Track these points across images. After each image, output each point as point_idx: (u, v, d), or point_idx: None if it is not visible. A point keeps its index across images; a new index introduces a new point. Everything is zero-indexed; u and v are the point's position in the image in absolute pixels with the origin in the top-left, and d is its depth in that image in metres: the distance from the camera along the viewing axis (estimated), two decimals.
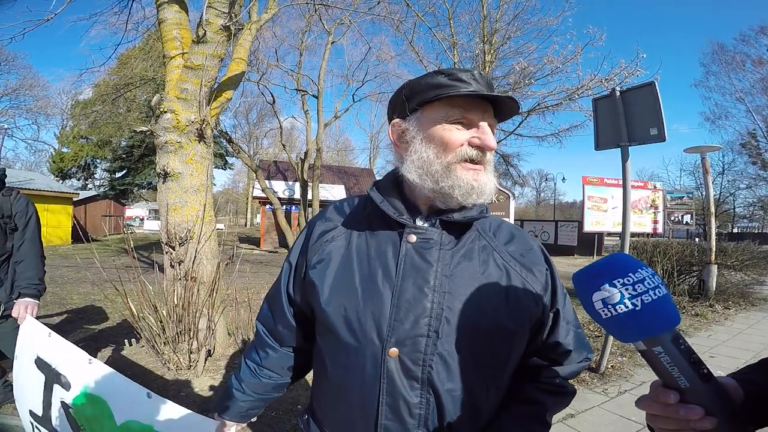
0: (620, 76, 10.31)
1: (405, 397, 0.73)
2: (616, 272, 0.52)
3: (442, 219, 0.80)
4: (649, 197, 12.92)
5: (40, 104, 26.77)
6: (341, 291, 0.79)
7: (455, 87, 0.75)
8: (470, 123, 0.77)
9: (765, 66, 23.50)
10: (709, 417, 0.50)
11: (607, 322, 0.53)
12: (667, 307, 0.51)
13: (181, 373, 3.24)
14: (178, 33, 3.68)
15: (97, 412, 1.22)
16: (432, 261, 0.77)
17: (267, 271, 10.55)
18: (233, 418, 1.00)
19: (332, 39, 16.23)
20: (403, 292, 0.75)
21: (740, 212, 35.74)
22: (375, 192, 0.84)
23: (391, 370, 0.73)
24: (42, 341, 1.48)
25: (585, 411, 2.94)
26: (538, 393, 0.83)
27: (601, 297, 0.52)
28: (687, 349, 0.52)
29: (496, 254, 0.82)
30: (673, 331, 0.52)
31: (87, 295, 6.40)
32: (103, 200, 24.03)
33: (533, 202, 59.90)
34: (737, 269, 7.17)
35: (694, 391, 0.51)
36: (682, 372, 0.51)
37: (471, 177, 0.76)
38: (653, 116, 3.39)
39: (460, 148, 0.76)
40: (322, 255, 0.84)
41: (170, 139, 3.37)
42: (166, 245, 3.43)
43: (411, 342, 0.73)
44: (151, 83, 12.83)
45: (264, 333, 0.98)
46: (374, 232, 0.83)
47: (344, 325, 0.77)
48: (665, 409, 0.53)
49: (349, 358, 0.78)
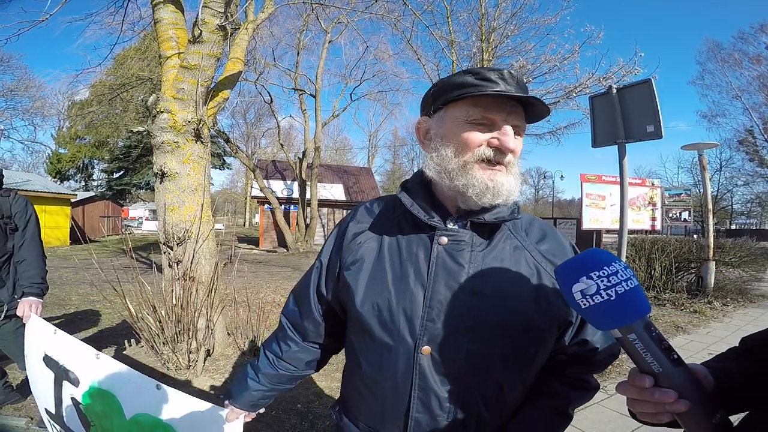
0: (618, 74, 10.32)
1: (436, 391, 0.77)
2: (592, 266, 0.57)
3: (473, 221, 0.80)
4: (646, 194, 12.92)
5: (36, 105, 26.65)
6: (375, 292, 0.81)
7: (481, 87, 0.74)
8: (492, 124, 0.76)
9: (763, 64, 23.53)
10: (682, 400, 0.54)
11: (586, 312, 0.57)
12: (638, 297, 0.55)
13: (181, 373, 3.24)
14: (174, 33, 3.67)
15: (106, 407, 1.23)
16: (464, 263, 0.78)
17: (266, 271, 10.54)
18: (243, 407, 1.02)
19: (329, 38, 16.22)
20: (435, 293, 0.77)
21: (738, 209, 35.91)
22: (404, 195, 0.84)
23: (423, 367, 0.76)
24: (48, 339, 1.49)
25: (585, 408, 2.95)
26: (564, 388, 0.86)
27: (580, 288, 0.57)
28: (658, 337, 0.56)
29: (527, 254, 0.82)
30: (644, 319, 0.56)
31: (86, 296, 6.38)
32: (101, 201, 23.92)
33: (532, 200, 59.95)
34: (735, 266, 7.20)
35: (667, 375, 0.55)
36: (655, 357, 0.55)
37: (487, 177, 0.75)
38: (650, 113, 3.40)
39: (478, 148, 0.76)
40: (356, 256, 0.86)
41: (167, 139, 3.36)
42: (164, 245, 3.43)
43: (443, 340, 0.76)
44: (147, 83, 12.80)
45: (288, 327, 1.01)
46: (406, 234, 0.84)
47: (378, 325, 0.80)
48: (641, 393, 0.57)
49: (382, 355, 0.80)
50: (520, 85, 0.76)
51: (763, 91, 23.85)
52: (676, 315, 5.76)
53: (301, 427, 2.59)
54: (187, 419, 1.09)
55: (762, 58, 23.66)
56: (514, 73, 0.75)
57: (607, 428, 2.71)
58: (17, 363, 2.49)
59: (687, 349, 4.37)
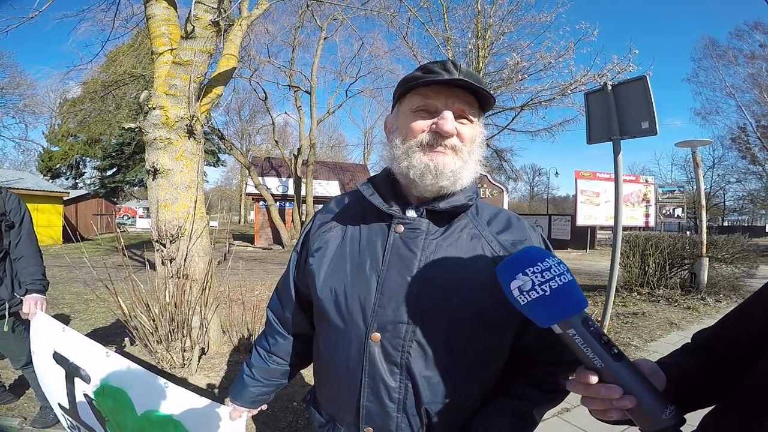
0: (613, 72, 10.36)
1: (385, 380, 0.76)
2: (526, 263, 0.58)
3: (428, 208, 0.81)
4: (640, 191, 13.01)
5: (27, 103, 26.31)
6: (334, 277, 0.83)
7: (425, 78, 0.77)
8: (435, 110, 0.78)
9: (757, 61, 23.64)
10: (628, 396, 0.54)
11: (525, 308, 0.58)
12: (572, 292, 0.56)
13: (176, 372, 3.22)
14: (167, 29, 3.63)
15: (118, 403, 1.26)
16: (416, 250, 0.79)
17: (261, 268, 10.51)
18: (244, 404, 1.05)
19: (325, 35, 16.14)
20: (387, 280, 0.78)
21: (730, 206, 36.22)
22: (365, 186, 0.87)
23: (373, 354, 0.77)
24: (57, 336, 1.51)
25: (580, 405, 2.96)
26: (529, 389, 0.82)
27: (517, 285, 0.58)
28: (597, 331, 0.57)
29: (484, 242, 0.81)
30: (581, 314, 0.57)
31: (79, 295, 6.33)
32: (93, 199, 23.71)
33: (527, 197, 60.20)
34: (728, 262, 7.23)
35: (610, 370, 0.55)
36: (595, 352, 0.55)
37: (427, 158, 0.78)
38: (645, 110, 3.40)
39: (421, 134, 0.79)
40: (320, 244, 0.89)
41: (159, 135, 3.33)
42: (157, 243, 3.40)
43: (392, 328, 0.76)
44: (140, 80, 12.69)
45: (273, 321, 1.04)
46: (368, 224, 0.86)
47: (334, 309, 0.82)
48: (588, 389, 0.57)
49: (337, 340, 0.82)
50: (464, 73, 0.77)
51: (756, 88, 23.98)
52: (670, 311, 5.80)
53: (297, 425, 2.59)
54: (194, 416, 1.12)
55: (756, 55, 23.77)
56: (458, 63, 0.77)
57: (602, 425, 2.70)
58: (12, 362, 2.46)
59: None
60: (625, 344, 4.26)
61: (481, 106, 0.83)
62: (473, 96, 0.79)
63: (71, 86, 16.17)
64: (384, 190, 0.85)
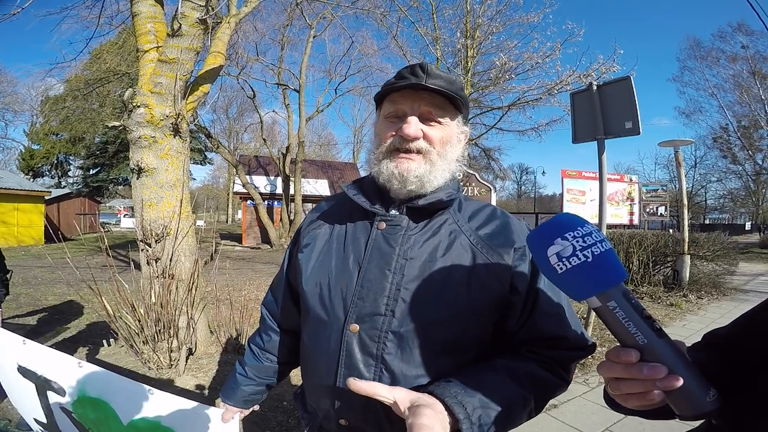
0: (598, 72, 10.52)
1: (360, 371, 0.77)
2: (566, 227, 0.54)
3: (408, 206, 0.84)
4: (625, 190, 13.25)
5: (7, 100, 25.66)
6: (319, 272, 0.86)
7: (395, 84, 0.79)
8: (404, 115, 0.81)
9: (738, 62, 24.17)
10: (673, 375, 0.48)
11: (563, 277, 0.53)
12: (614, 260, 0.52)
13: (163, 373, 3.19)
14: (153, 26, 3.58)
15: (100, 414, 1.21)
16: (395, 245, 0.81)
17: (250, 268, 10.42)
18: (236, 404, 1.05)
19: (314, 33, 16.06)
20: (367, 273, 0.80)
21: (711, 204, 37.03)
22: (349, 187, 0.90)
23: (350, 344, 0.78)
24: (18, 349, 1.41)
25: (567, 401, 3.01)
26: (525, 359, 0.77)
27: (556, 251, 0.53)
28: (638, 305, 0.52)
29: (463, 237, 0.82)
30: (621, 286, 0.52)
31: (62, 296, 6.21)
32: (77, 198, 23.22)
33: (514, 195, 60.77)
34: (709, 259, 7.39)
35: (652, 348, 0.50)
36: (638, 327, 0.50)
37: (393, 165, 0.81)
38: (629, 110, 3.46)
39: (390, 139, 0.82)
40: (309, 240, 0.92)
41: (144, 134, 3.28)
42: (141, 242, 3.36)
43: (370, 319, 0.78)
44: (124, 78, 12.46)
45: (267, 317, 1.06)
46: (354, 222, 0.89)
47: (318, 302, 0.84)
48: (627, 370, 0.51)
49: (318, 330, 0.84)
50: (432, 75, 0.78)
51: (738, 89, 24.54)
52: (653, 308, 5.92)
53: (287, 425, 2.58)
54: (184, 420, 1.10)
55: (738, 57, 24.30)
56: (427, 66, 0.78)
57: (590, 421, 2.75)
58: None
59: None
60: (610, 342, 4.33)
61: (456, 107, 0.83)
62: (444, 97, 0.80)
63: (53, 84, 15.81)
64: (369, 190, 0.88)
